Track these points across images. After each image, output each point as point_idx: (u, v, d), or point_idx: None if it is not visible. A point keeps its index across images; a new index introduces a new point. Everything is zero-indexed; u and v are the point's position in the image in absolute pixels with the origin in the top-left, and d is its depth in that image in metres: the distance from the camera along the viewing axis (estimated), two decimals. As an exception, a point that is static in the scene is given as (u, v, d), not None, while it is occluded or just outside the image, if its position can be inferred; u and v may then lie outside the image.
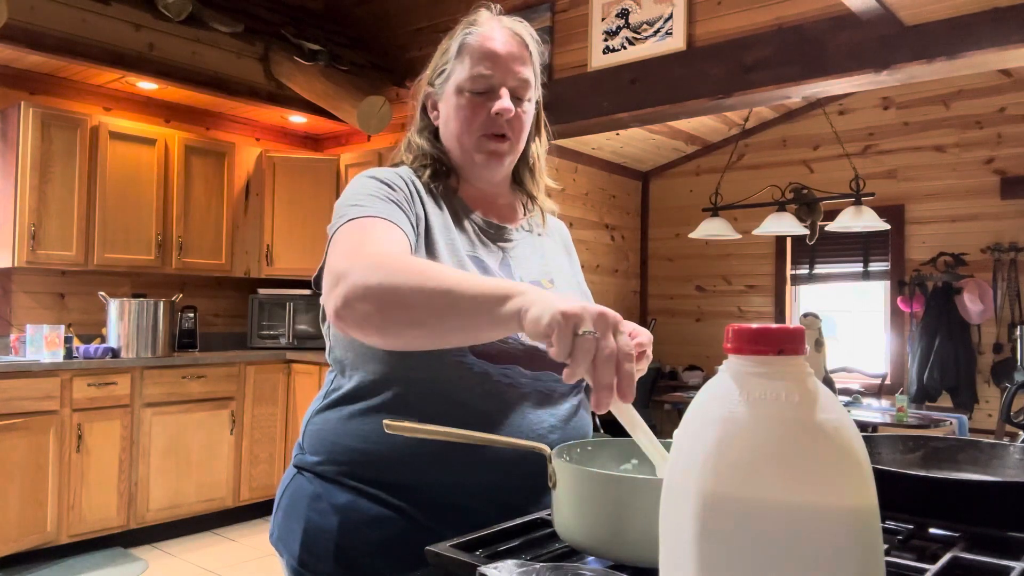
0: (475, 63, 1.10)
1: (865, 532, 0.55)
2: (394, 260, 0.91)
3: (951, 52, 3.01)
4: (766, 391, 0.53)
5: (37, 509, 3.56)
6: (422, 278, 0.86)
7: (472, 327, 0.85)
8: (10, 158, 3.88)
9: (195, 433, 4.15)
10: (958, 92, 5.18)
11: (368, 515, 1.02)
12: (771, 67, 3.44)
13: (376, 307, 0.87)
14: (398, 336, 0.90)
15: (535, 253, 1.20)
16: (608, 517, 0.73)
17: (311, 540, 1.05)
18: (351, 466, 1.04)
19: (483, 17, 1.15)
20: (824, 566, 0.55)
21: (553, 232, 1.29)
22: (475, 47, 1.11)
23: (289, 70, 4.47)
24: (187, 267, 4.48)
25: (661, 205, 6.64)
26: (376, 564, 1.01)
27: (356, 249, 0.95)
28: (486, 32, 1.12)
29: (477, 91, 1.11)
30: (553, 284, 1.17)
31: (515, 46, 1.12)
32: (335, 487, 1.05)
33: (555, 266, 1.22)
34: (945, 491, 0.85)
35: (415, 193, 1.11)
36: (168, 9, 3.99)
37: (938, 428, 4.11)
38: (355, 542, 1.02)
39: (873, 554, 0.55)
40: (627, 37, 3.87)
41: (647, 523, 0.66)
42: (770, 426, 0.53)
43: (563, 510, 0.78)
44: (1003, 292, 4.97)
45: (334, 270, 0.93)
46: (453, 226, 1.12)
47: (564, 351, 0.74)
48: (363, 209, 1.02)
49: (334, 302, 0.90)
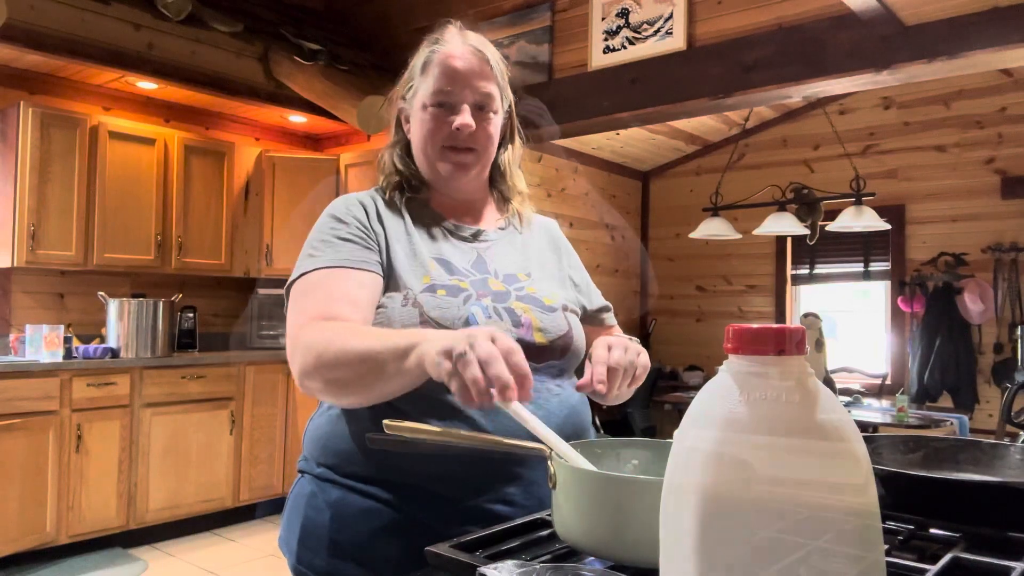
0: (437, 79, 1.15)
1: (866, 532, 0.54)
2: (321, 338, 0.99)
3: (951, 52, 3.01)
4: (766, 391, 0.53)
5: (37, 509, 3.56)
6: (344, 351, 0.96)
7: (399, 386, 0.95)
8: (10, 158, 3.88)
9: (195, 433, 4.15)
10: (958, 92, 5.17)
11: (358, 508, 1.04)
12: (771, 67, 3.44)
13: (322, 385, 1.00)
14: (354, 400, 1.02)
15: (514, 249, 1.22)
16: (608, 518, 0.73)
17: (307, 536, 1.08)
18: (341, 463, 1.08)
19: (448, 34, 1.18)
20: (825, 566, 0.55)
21: (538, 230, 1.31)
22: (437, 64, 1.15)
23: (289, 70, 4.47)
24: (187, 267, 4.48)
25: (661, 205, 6.64)
26: (368, 555, 1.03)
27: (299, 321, 1.05)
28: (449, 50, 1.16)
29: (439, 105, 1.15)
30: (530, 277, 1.18)
31: (476, 63, 1.16)
32: (329, 485, 1.08)
33: (536, 261, 1.23)
34: (946, 491, 0.84)
35: (373, 215, 1.16)
36: (168, 9, 3.99)
37: (939, 428, 4.11)
38: (347, 535, 1.05)
39: (874, 554, 0.55)
40: (627, 37, 3.87)
41: (647, 524, 0.66)
42: (770, 426, 0.53)
43: (563, 511, 0.77)
44: (1004, 292, 4.97)
45: (289, 340, 1.05)
46: (416, 231, 1.16)
47: (457, 384, 0.81)
48: (314, 260, 1.10)
49: (295, 378, 1.03)
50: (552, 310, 1.14)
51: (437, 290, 1.08)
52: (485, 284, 1.12)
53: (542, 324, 1.10)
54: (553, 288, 1.19)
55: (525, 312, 1.10)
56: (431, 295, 1.08)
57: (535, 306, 1.12)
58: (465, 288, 1.10)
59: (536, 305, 1.13)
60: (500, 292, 1.12)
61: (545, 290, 1.17)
